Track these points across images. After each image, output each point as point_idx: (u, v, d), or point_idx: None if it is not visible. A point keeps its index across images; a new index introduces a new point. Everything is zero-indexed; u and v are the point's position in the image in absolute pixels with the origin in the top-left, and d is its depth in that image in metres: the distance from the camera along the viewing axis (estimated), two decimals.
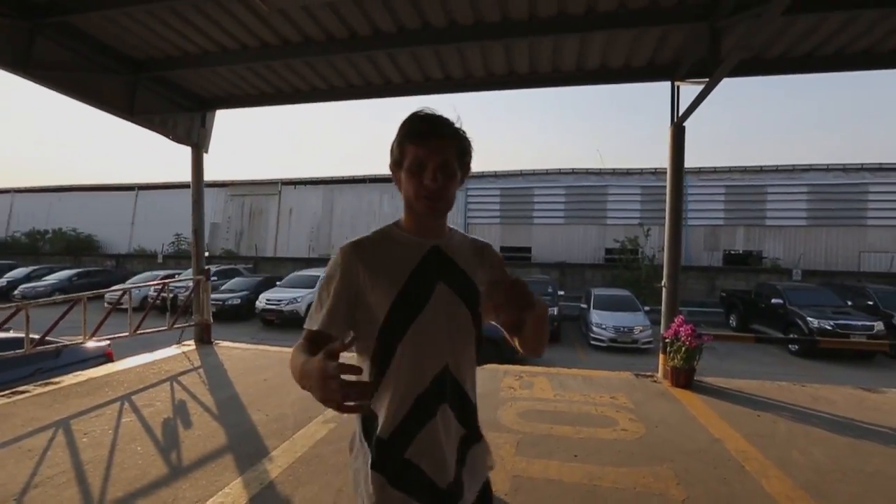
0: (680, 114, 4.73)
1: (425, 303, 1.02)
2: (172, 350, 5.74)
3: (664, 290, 4.95)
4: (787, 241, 17.50)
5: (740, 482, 2.75)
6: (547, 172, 19.06)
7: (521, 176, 19.32)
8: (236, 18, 4.13)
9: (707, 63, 3.96)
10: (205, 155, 6.16)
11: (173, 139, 5.82)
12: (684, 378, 4.59)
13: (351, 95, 5.58)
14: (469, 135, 1.06)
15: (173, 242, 22.53)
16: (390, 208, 20.45)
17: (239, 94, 5.79)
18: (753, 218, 17.84)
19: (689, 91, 4.62)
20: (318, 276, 13.68)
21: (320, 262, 19.32)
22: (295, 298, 12.18)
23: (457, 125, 1.04)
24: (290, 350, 0.99)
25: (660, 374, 4.95)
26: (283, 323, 12.19)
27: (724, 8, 3.58)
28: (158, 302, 7.21)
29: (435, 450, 1.01)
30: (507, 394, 4.37)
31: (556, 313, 12.01)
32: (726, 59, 3.63)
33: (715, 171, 18.09)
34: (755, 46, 3.87)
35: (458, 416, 1.06)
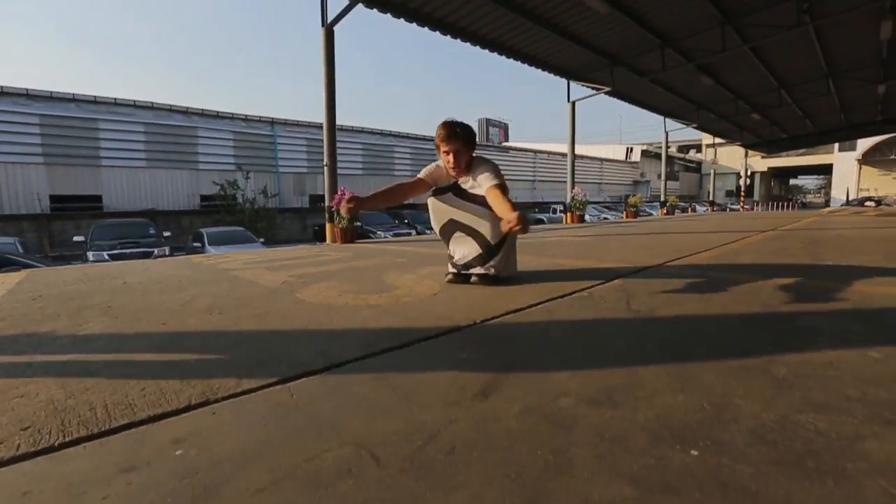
0: (329, 19, 5.63)
1: None
2: None
3: (326, 168, 5.87)
4: (348, 184, 22.33)
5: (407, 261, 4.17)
6: (116, 102, 15.47)
7: (75, 102, 14.79)
8: None
9: None
10: None
11: None
12: (350, 235, 5.80)
13: None
14: None
15: None
16: None
17: None
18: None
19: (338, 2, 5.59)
20: None
21: None
22: None
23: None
24: None
25: (328, 240, 5.95)
26: None
27: None
28: None
29: None
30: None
31: (167, 253, 10.78)
32: None
33: (297, 124, 20.34)
34: None
35: None
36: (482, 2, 6.78)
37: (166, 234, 12.03)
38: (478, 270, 2.40)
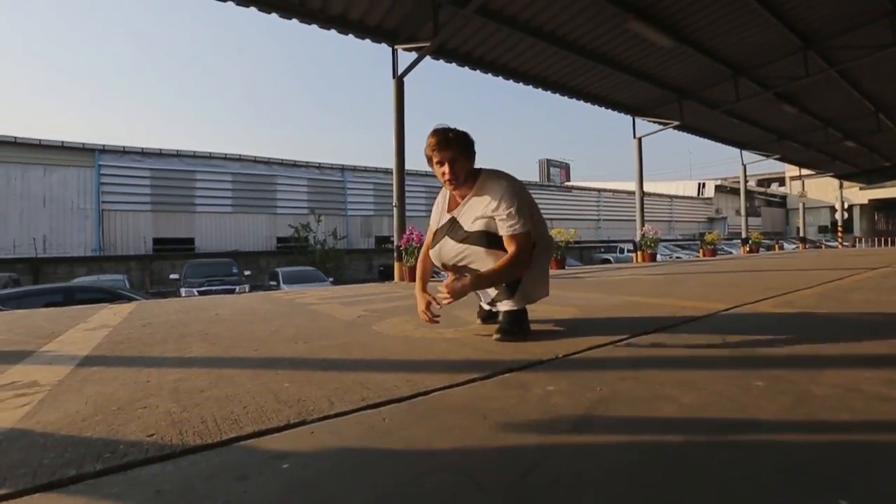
0: (400, 71, 6.06)
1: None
2: None
3: (395, 209, 6.14)
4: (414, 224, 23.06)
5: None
6: (211, 156, 17.47)
7: (178, 157, 16.88)
8: None
9: (420, 34, 5.44)
10: None
11: None
12: None
13: None
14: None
15: None
16: None
17: None
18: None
19: (406, 56, 6.02)
20: None
21: None
22: None
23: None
24: None
25: (396, 278, 6.11)
26: None
27: None
28: None
29: None
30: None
31: (247, 290, 11.62)
32: (438, 34, 5.16)
33: (365, 169, 21.61)
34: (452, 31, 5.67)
35: None
36: (543, 46, 6.98)
37: (247, 272, 13.01)
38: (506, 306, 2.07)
